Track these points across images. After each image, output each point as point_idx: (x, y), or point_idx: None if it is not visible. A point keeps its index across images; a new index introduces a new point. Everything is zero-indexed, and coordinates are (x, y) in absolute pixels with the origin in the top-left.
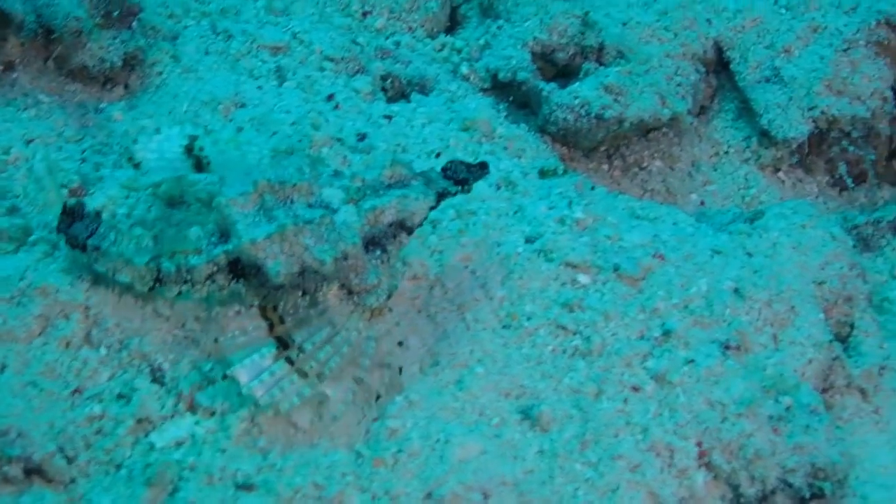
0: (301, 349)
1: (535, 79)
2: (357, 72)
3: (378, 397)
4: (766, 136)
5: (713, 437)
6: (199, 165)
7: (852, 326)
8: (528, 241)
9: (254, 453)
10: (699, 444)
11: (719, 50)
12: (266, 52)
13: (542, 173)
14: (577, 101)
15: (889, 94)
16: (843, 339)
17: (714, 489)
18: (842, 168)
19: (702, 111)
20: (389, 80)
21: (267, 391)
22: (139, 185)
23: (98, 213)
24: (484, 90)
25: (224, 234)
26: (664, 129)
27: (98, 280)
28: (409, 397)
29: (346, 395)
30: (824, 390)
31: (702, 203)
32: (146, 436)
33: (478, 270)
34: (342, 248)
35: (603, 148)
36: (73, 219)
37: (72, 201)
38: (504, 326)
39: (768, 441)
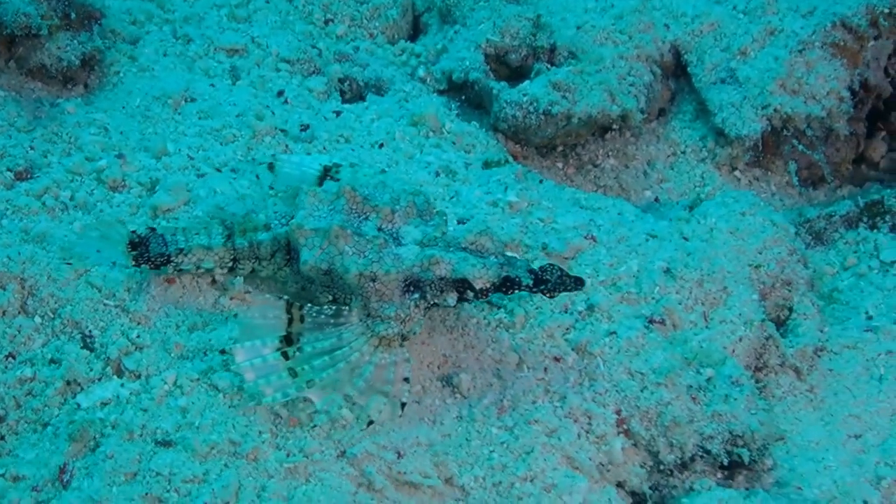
0: (300, 349)
1: (487, 79)
2: (312, 73)
3: (370, 423)
4: (721, 135)
5: (632, 404)
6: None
7: (791, 309)
8: (460, 222)
9: (174, 413)
10: (618, 412)
11: (678, 54)
12: (223, 53)
13: (486, 164)
14: (525, 98)
15: (846, 94)
16: (781, 322)
17: (633, 455)
18: (791, 167)
19: (661, 114)
20: (347, 83)
21: (255, 378)
22: (84, 170)
23: (152, 228)
24: (439, 91)
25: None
26: (619, 129)
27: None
28: None
29: (330, 406)
30: (758, 369)
31: (656, 199)
32: (73, 397)
33: None
34: (375, 269)
35: (560, 148)
36: (144, 245)
37: (130, 235)
38: None
39: (686, 409)
